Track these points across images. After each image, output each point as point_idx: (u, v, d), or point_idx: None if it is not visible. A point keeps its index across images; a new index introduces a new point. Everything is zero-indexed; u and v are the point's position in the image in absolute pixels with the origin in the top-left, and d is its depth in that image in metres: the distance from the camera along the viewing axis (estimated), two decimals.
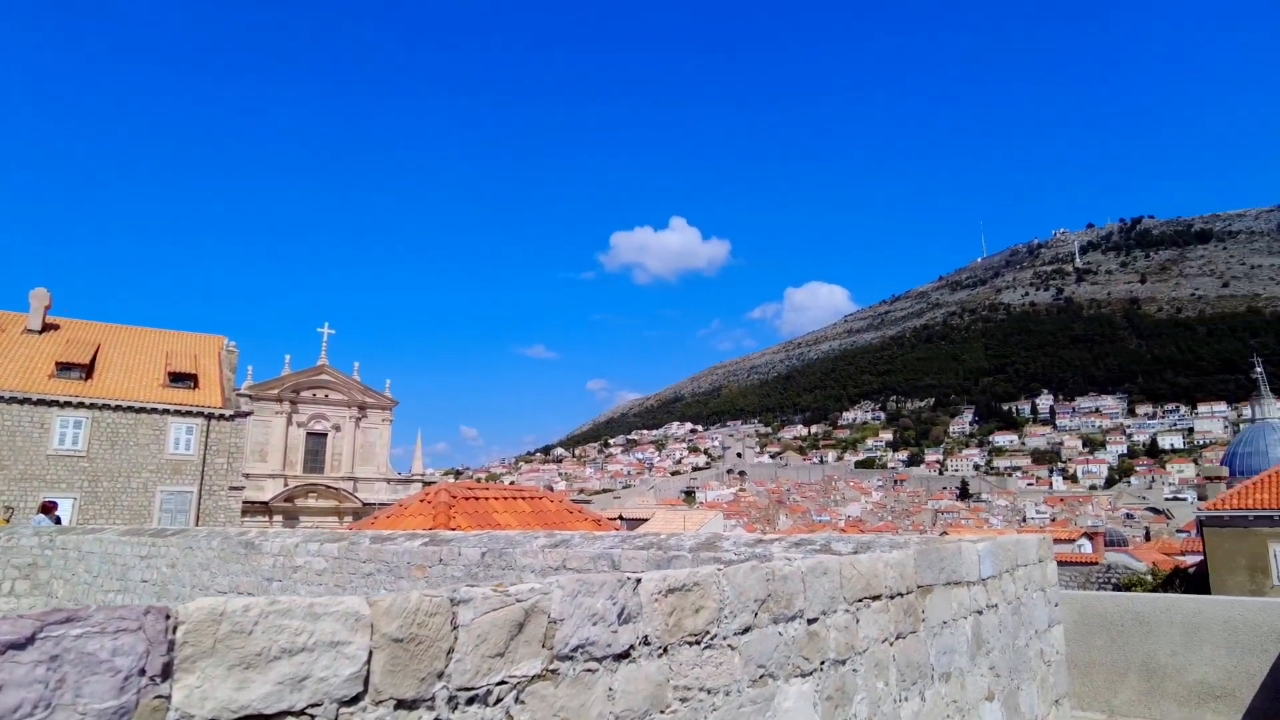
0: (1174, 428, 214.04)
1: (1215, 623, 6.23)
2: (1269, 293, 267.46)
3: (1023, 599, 4.77)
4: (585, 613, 1.83)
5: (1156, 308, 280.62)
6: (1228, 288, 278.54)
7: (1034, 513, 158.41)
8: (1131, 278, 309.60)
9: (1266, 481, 28.06)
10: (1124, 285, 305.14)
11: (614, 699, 1.87)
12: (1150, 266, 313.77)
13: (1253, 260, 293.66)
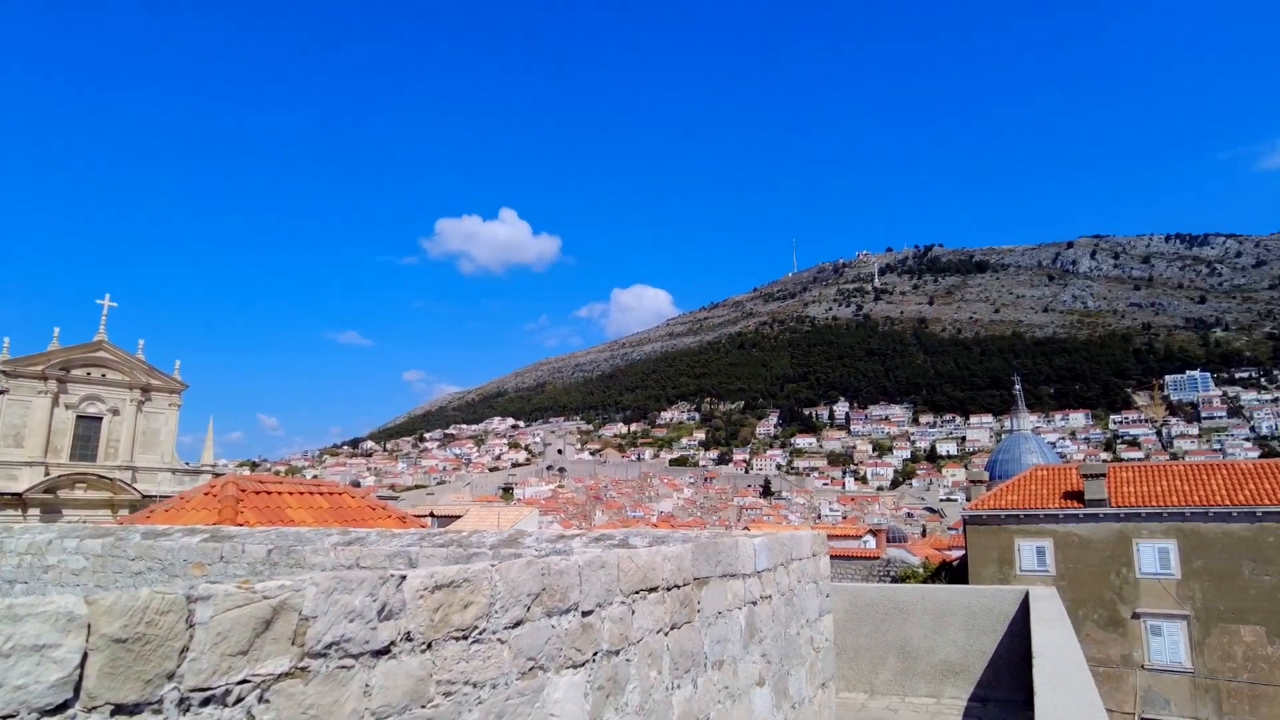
0: (950, 435, 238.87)
1: (958, 609, 7.06)
2: (1029, 320, 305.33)
3: (796, 590, 5.17)
4: (341, 610, 1.79)
5: (941, 328, 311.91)
6: (998, 313, 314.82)
7: (828, 510, 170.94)
8: (922, 299, 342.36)
9: (1015, 486, 32.00)
10: (915, 306, 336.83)
11: (370, 695, 1.85)
12: (938, 290, 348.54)
13: (1018, 290, 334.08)
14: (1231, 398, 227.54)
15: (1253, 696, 25.89)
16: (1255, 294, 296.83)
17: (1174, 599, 27.37)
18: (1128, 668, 27.80)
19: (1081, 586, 28.56)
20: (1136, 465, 33.23)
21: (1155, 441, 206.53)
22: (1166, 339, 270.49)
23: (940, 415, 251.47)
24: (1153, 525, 28.00)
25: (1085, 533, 28.87)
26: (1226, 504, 27.10)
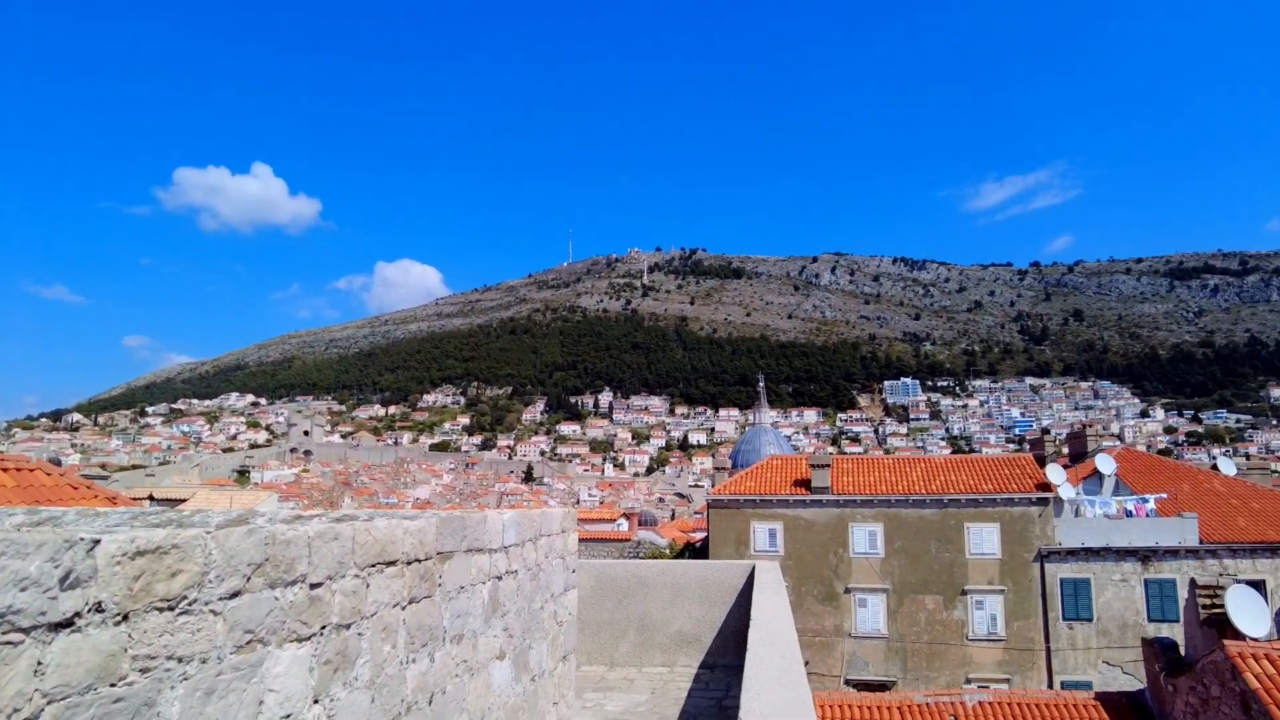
0: (701, 426, 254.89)
1: (694, 582, 7.62)
2: (776, 324, 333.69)
3: (543, 566, 5.30)
4: (10, 577, 1.58)
5: (700, 326, 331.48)
6: (750, 317, 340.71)
7: (587, 496, 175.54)
8: (684, 299, 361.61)
9: (753, 474, 34.88)
10: (678, 304, 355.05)
11: (44, 674, 1.65)
12: (699, 291, 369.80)
13: (768, 297, 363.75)
14: (934, 403, 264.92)
15: (930, 655, 30.43)
16: (957, 315, 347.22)
17: (878, 575, 31.38)
18: (838, 636, 31.44)
19: (806, 565, 31.86)
20: (855, 458, 37.66)
21: (873, 438, 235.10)
22: (887, 349, 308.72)
23: (694, 407, 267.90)
24: (865, 510, 31.89)
25: (810, 517, 32.22)
26: (922, 493, 31.55)
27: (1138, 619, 29.18)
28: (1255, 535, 29.41)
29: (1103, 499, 31.62)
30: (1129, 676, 27.36)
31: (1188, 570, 28.61)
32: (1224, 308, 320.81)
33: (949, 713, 18.54)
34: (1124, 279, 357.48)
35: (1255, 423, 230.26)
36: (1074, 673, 29.14)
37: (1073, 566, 29.90)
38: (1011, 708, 18.43)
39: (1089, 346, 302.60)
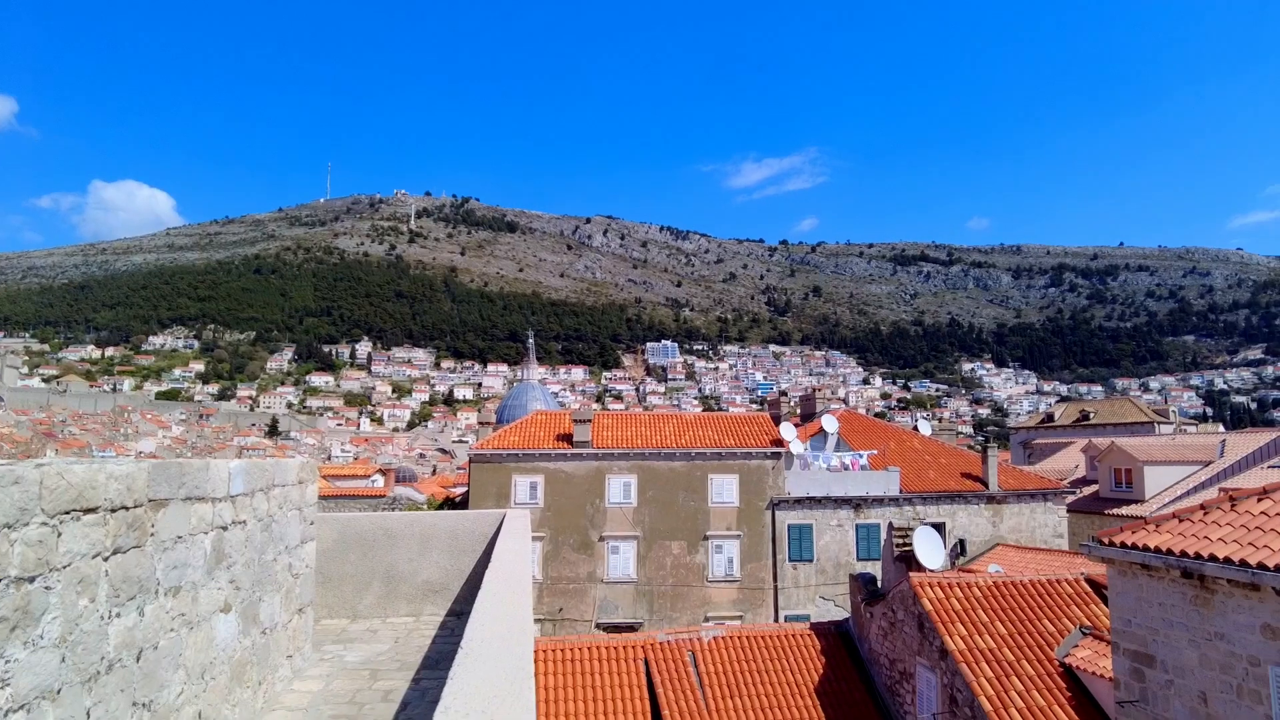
0: (469, 381, 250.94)
1: (444, 533, 7.60)
2: (548, 282, 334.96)
3: (276, 517, 5.02)
4: None
5: (470, 278, 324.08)
6: (522, 272, 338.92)
7: (340, 451, 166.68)
8: (455, 249, 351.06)
9: (516, 429, 35.10)
10: (448, 254, 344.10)
11: None
12: (470, 242, 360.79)
13: (541, 254, 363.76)
14: (690, 364, 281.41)
15: (674, 596, 32.80)
16: (714, 284, 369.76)
17: (631, 523, 33.08)
18: (592, 582, 32.82)
19: (565, 516, 32.80)
20: (614, 413, 39.17)
21: (634, 396, 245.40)
22: (651, 312, 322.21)
23: (461, 361, 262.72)
24: (622, 463, 33.36)
25: (570, 469, 33.13)
26: (674, 446, 33.59)
27: (849, 558, 33.45)
28: (940, 485, 34.80)
29: (826, 454, 35.62)
30: (840, 608, 31.34)
31: (890, 516, 33.23)
32: (933, 292, 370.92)
33: (687, 649, 20.17)
34: (857, 261, 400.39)
35: (950, 391, 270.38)
36: (796, 607, 32.86)
37: (799, 514, 33.53)
38: (741, 641, 20.45)
39: (824, 320, 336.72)
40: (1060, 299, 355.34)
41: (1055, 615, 17.50)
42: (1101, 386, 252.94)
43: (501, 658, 2.42)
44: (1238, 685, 10.24)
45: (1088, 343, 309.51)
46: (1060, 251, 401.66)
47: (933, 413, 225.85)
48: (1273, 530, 10.34)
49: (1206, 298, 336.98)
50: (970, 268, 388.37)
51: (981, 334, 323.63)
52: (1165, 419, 74.72)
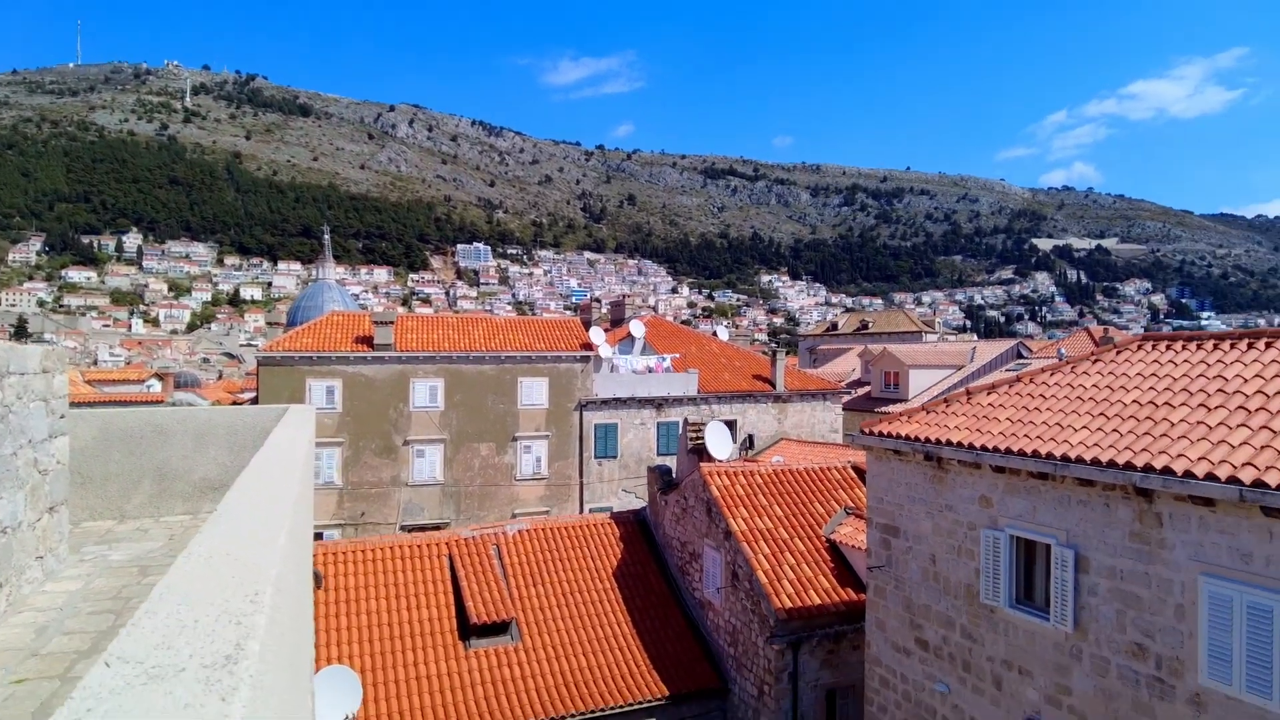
0: (257, 280, 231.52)
1: (221, 428, 7.20)
2: (346, 174, 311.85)
3: (14, 408, 4.53)
4: None
5: (257, 166, 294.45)
6: (317, 162, 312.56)
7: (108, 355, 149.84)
8: (239, 131, 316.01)
9: (311, 330, 33.19)
10: (230, 137, 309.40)
11: None
12: (257, 125, 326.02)
13: (339, 143, 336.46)
14: (503, 269, 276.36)
15: (483, 496, 33.19)
16: (529, 186, 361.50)
17: (438, 427, 32.73)
18: (396, 486, 32.39)
19: (366, 421, 31.80)
20: (419, 316, 37.98)
21: (444, 300, 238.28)
22: (462, 212, 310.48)
23: (248, 258, 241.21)
24: (427, 366, 32.65)
25: (372, 373, 31.99)
26: (483, 350, 33.30)
27: (651, 454, 35.29)
28: (734, 386, 37.26)
29: (633, 358, 36.88)
30: (640, 500, 33.16)
31: (688, 414, 35.24)
32: (739, 206, 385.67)
33: (492, 543, 20.66)
34: (670, 172, 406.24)
35: (749, 301, 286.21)
36: (600, 501, 34.39)
37: (605, 414, 34.71)
38: (544, 533, 21.23)
39: (638, 229, 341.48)
40: (852, 218, 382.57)
41: (825, 499, 19.63)
42: (881, 300, 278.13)
43: (247, 550, 2.35)
44: (958, 546, 12.14)
45: (873, 259, 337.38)
46: (855, 173, 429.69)
47: (733, 321, 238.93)
48: (994, 418, 12.13)
49: (974, 222, 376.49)
50: (774, 184, 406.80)
51: (780, 248, 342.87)
52: (931, 329, 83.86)
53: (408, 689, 16.33)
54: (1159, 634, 9.31)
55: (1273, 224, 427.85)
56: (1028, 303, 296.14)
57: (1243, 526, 8.45)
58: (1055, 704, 10.66)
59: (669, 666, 18.02)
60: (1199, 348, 11.74)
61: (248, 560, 1.94)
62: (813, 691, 16.24)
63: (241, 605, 1.59)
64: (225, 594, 1.64)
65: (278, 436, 5.45)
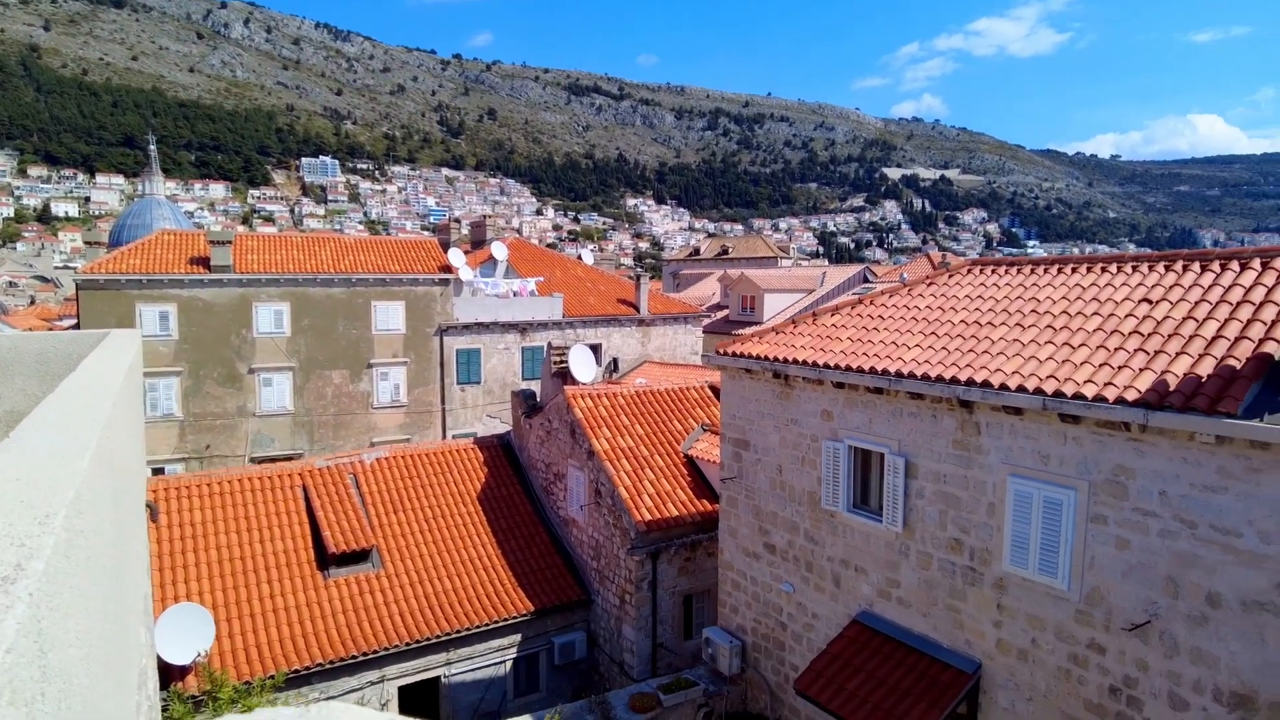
0: (71, 195, 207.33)
1: (29, 356, 6.54)
2: (173, 77, 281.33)
3: None
4: None
5: (62, 63, 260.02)
6: (137, 61, 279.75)
7: None
8: (35, 20, 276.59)
9: (138, 250, 30.36)
10: (25, 26, 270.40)
11: None
12: (59, 15, 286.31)
13: (162, 41, 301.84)
14: (353, 185, 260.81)
15: (337, 425, 32.07)
16: (380, 96, 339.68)
17: (284, 354, 31.07)
18: (243, 416, 30.70)
19: (205, 348, 29.72)
20: (261, 235, 35.42)
21: (289, 218, 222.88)
22: (306, 123, 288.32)
23: (59, 169, 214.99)
24: (272, 290, 30.71)
25: (210, 297, 29.77)
26: (332, 272, 31.61)
27: (515, 379, 35.10)
28: (599, 310, 37.42)
29: (494, 281, 36.14)
30: (505, 424, 33.10)
31: (553, 338, 35.17)
32: (604, 126, 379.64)
33: (348, 472, 20.11)
34: (533, 86, 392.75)
35: (615, 225, 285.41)
36: (464, 427, 34.03)
37: (467, 339, 34.06)
38: (404, 460, 20.87)
39: (500, 145, 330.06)
40: (715, 142, 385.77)
41: (684, 417, 20.32)
42: (742, 225, 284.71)
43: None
44: (802, 457, 12.96)
45: (734, 185, 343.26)
46: (718, 96, 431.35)
47: (599, 245, 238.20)
48: (837, 338, 12.87)
49: (830, 150, 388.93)
50: (639, 104, 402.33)
51: (645, 171, 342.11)
52: (787, 255, 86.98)
53: (264, 622, 15.92)
54: (973, 529, 10.41)
55: (1089, 160, 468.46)
56: (876, 230, 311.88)
57: (1044, 432, 9.49)
58: (885, 596, 11.78)
59: (534, 583, 18.45)
60: (1018, 272, 12.84)
61: (40, 484, 1.81)
62: (671, 597, 17.15)
63: (28, 527, 1.49)
64: (9, 517, 1.53)
65: (92, 362, 5.01)
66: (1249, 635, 7.85)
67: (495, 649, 17.48)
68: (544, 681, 18.25)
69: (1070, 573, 9.32)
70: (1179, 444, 8.24)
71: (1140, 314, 10.16)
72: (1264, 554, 7.70)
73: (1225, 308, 9.59)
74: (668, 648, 17.21)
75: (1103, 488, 8.97)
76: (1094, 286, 11.33)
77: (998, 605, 10.18)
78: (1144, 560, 8.64)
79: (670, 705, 13.98)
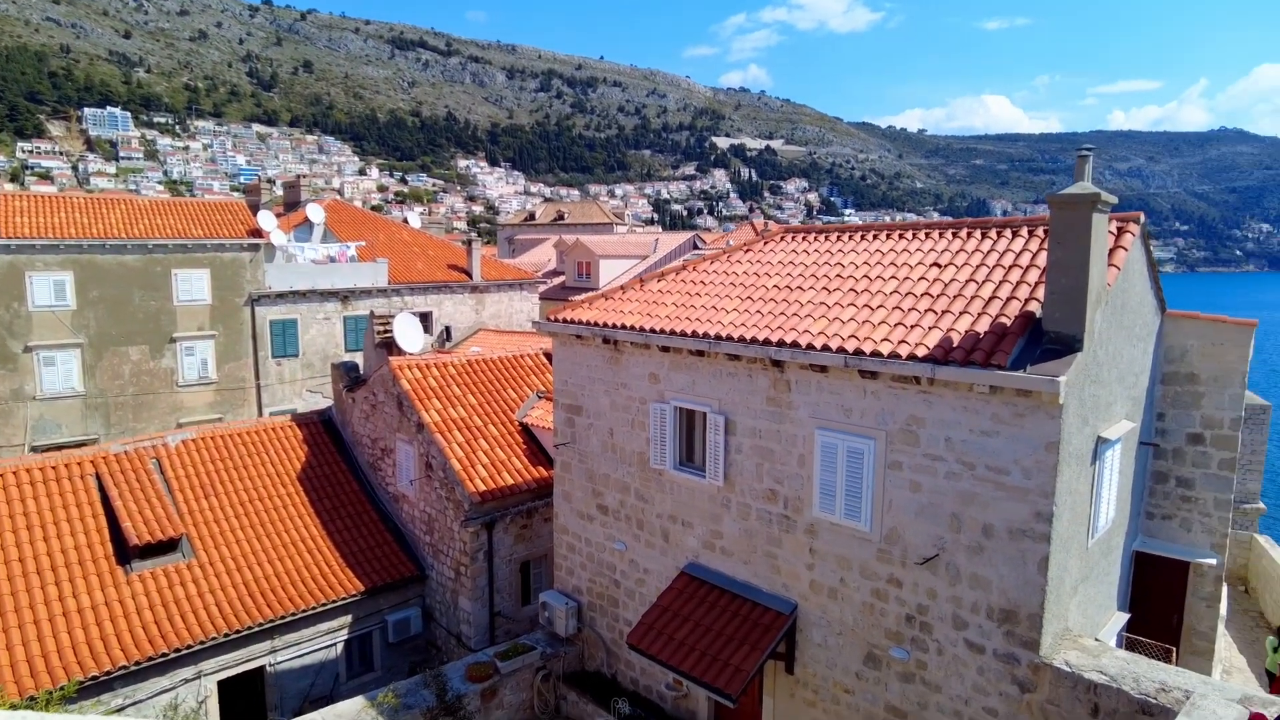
0: None
1: None
2: None
3: None
4: None
5: None
6: None
7: None
8: None
9: None
10: None
11: None
12: None
13: None
14: (149, 141, 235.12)
15: (138, 406, 29.19)
16: (178, 42, 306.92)
17: (69, 329, 27.79)
18: (19, 401, 27.26)
19: None
20: (32, 195, 31.19)
21: (71, 176, 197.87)
22: (89, 68, 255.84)
23: None
24: (50, 257, 27.27)
25: None
26: (123, 237, 28.47)
27: (338, 350, 33.30)
28: (428, 276, 36.14)
29: (311, 245, 33.95)
30: (328, 399, 31.42)
31: (378, 307, 33.62)
32: (431, 83, 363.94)
33: (150, 456, 18.39)
34: (353, 38, 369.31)
35: (446, 188, 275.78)
36: (282, 403, 31.96)
37: (282, 308, 31.85)
38: (215, 440, 19.35)
39: (316, 100, 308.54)
40: (549, 104, 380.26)
41: (518, 385, 20.18)
42: (578, 190, 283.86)
43: None
44: (632, 419, 13.25)
45: (569, 149, 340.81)
46: (551, 57, 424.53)
47: (430, 208, 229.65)
48: (663, 303, 13.18)
49: (662, 118, 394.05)
50: (468, 61, 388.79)
51: (477, 131, 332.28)
52: (622, 221, 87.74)
53: (52, 628, 14.36)
54: (787, 480, 11.09)
55: (900, 134, 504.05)
56: (707, 198, 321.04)
57: (847, 387, 10.23)
58: (710, 547, 12.35)
59: (364, 562, 17.82)
60: (826, 239, 13.65)
61: None
62: (508, 565, 17.13)
63: None
64: None
65: None
66: (1014, 559, 8.92)
67: (324, 632, 16.78)
68: (379, 661, 17.76)
69: (872, 515, 10.16)
70: (960, 394, 9.15)
71: (930, 277, 11.12)
72: (1026, 488, 8.75)
73: (1000, 271, 10.68)
74: (506, 615, 17.22)
75: (898, 436, 9.81)
76: (892, 252, 12.27)
77: (810, 549, 10.95)
78: (933, 500, 9.57)
79: (508, 672, 14.03)
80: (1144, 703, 8.21)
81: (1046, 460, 8.58)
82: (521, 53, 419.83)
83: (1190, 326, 12.35)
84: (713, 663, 11.07)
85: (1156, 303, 12.17)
